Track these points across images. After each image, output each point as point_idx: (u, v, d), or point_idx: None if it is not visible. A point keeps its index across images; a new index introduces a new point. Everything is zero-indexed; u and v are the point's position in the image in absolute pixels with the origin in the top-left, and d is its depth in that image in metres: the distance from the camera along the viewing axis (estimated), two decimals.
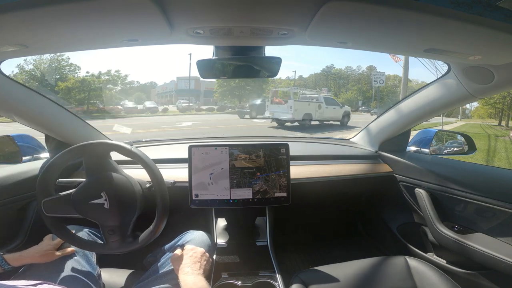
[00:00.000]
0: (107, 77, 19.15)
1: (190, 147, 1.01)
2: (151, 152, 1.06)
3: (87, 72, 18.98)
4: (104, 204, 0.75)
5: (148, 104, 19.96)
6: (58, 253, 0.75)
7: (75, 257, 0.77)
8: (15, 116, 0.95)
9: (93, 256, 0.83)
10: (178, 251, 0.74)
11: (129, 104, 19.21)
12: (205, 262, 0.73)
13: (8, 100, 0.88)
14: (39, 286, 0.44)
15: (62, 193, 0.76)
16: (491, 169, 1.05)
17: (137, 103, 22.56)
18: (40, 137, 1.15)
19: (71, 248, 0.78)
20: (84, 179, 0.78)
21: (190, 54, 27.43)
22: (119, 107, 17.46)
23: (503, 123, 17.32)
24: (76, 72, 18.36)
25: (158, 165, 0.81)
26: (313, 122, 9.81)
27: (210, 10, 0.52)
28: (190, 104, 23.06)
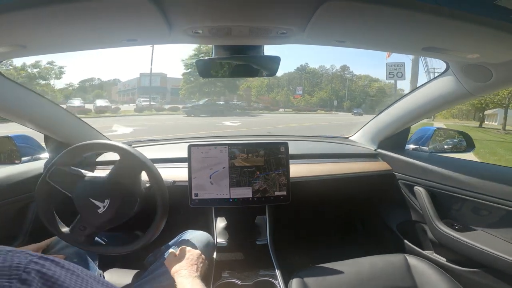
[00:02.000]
0: (35, 70, 15.66)
1: (189, 147, 1.01)
2: (151, 152, 1.06)
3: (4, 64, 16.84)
4: (100, 209, 0.75)
5: (99, 102, 17.64)
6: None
7: (74, 260, 0.77)
8: (13, 117, 0.94)
9: (95, 259, 0.83)
10: (172, 253, 0.73)
11: (76, 102, 16.79)
12: (201, 264, 0.72)
13: (7, 100, 0.88)
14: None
15: (81, 170, 0.79)
16: (490, 167, 1.05)
17: (91, 101, 19.42)
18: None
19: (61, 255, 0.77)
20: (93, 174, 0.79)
21: (153, 47, 21.07)
22: (64, 106, 15.56)
23: (487, 123, 17.22)
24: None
25: (157, 165, 0.81)
26: None
27: (209, 9, 0.52)
28: (152, 103, 20.16)
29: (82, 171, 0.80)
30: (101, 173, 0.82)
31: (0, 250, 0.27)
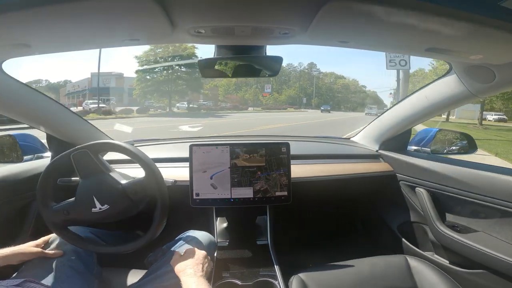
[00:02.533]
0: None
1: (191, 146, 1.01)
2: (152, 152, 1.07)
3: None
4: (95, 209, 0.75)
5: None
6: (36, 249, 0.73)
7: (72, 258, 0.77)
8: (17, 115, 0.95)
9: (93, 257, 0.83)
10: (177, 253, 0.74)
11: None
12: (206, 265, 0.72)
13: (10, 99, 0.88)
14: (23, 284, 0.43)
15: (108, 165, 0.80)
16: (492, 168, 1.04)
17: None
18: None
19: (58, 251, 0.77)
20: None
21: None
22: None
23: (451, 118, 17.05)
24: None
25: (159, 164, 0.81)
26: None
27: (211, 9, 0.52)
28: (102, 105, 17.54)
29: (109, 166, 0.80)
30: (120, 174, 0.81)
31: None
